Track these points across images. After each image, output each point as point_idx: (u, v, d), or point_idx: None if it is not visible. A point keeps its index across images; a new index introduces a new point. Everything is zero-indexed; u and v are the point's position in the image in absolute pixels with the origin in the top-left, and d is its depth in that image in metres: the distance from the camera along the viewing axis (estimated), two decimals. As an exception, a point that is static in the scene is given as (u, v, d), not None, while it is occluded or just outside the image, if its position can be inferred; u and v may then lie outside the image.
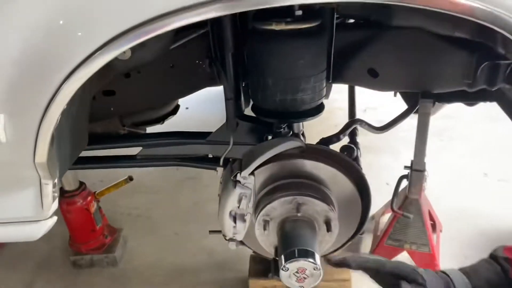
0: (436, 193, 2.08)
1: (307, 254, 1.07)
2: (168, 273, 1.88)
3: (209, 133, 1.53)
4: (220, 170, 1.43)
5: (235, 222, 1.24)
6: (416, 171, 1.67)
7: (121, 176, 2.05)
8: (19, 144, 0.91)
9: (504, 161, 2.38)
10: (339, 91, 2.61)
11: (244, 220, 1.24)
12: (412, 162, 1.69)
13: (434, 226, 1.91)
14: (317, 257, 1.08)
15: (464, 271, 0.93)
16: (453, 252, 1.84)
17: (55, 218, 1.11)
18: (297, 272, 1.07)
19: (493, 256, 0.91)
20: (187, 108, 2.92)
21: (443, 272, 0.94)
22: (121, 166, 1.67)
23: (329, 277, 1.67)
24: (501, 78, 1.31)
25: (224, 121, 1.42)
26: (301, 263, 1.06)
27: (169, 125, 1.82)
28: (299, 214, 1.15)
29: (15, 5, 0.77)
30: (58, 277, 1.88)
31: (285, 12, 1.16)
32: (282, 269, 1.07)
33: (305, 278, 1.08)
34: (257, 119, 1.43)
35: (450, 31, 1.30)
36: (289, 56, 1.20)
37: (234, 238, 1.30)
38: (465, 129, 2.66)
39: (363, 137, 2.16)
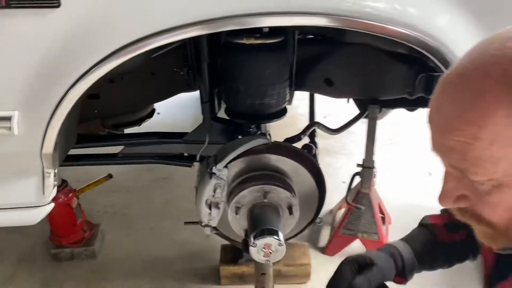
0: (387, 191, 2.33)
1: (272, 232, 1.27)
2: (144, 264, 2.03)
3: (185, 133, 1.71)
4: (196, 165, 1.60)
5: (210, 209, 1.42)
6: (366, 168, 1.92)
7: (96, 176, 2.18)
8: (30, 136, 1.07)
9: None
10: (302, 99, 2.86)
11: (218, 208, 1.42)
12: (363, 160, 1.94)
13: (384, 219, 2.16)
14: (281, 235, 1.28)
15: (404, 239, 1.07)
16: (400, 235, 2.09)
17: (52, 204, 1.26)
18: (264, 248, 1.27)
19: (422, 224, 1.10)
20: (158, 113, 3.07)
21: (388, 244, 1.10)
22: (104, 163, 1.82)
23: (291, 262, 1.87)
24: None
25: (194, 125, 1.61)
26: (267, 239, 1.25)
27: (143, 128, 1.97)
28: (265, 200, 1.35)
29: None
30: (39, 269, 1.99)
31: (254, 29, 1.37)
32: (252, 246, 1.27)
33: (270, 253, 1.28)
34: (229, 121, 1.63)
35: (392, 47, 1.55)
36: (257, 66, 1.41)
37: (209, 224, 1.48)
38: (412, 134, 2.95)
39: (323, 141, 2.40)
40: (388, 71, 1.61)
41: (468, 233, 0.98)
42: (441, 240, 1.04)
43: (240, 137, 1.52)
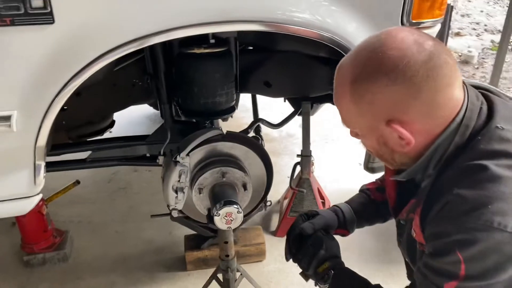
0: (325, 179, 2.69)
1: (231, 202, 1.53)
2: (114, 262, 2.20)
3: (146, 136, 1.95)
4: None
5: (176, 193, 1.67)
6: (305, 157, 2.25)
7: (58, 187, 2.34)
8: (26, 132, 1.28)
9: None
10: (246, 110, 3.19)
11: (183, 192, 1.67)
12: (301, 151, 2.27)
13: (324, 203, 2.49)
14: (239, 205, 1.55)
15: (345, 202, 1.37)
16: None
17: (41, 195, 1.46)
18: (225, 216, 1.53)
19: (360, 190, 1.41)
20: (110, 131, 3.27)
21: (332, 206, 1.38)
22: (74, 168, 2.00)
23: (247, 242, 2.15)
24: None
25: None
26: (228, 208, 1.51)
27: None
28: (224, 179, 1.62)
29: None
30: (12, 276, 2.10)
31: (203, 40, 1.67)
32: (215, 215, 1.52)
33: (231, 220, 1.55)
34: (185, 122, 1.90)
35: (316, 52, 1.91)
36: (208, 71, 1.69)
37: (175, 207, 1.72)
38: (343, 131, 3.35)
39: (268, 143, 2.71)
40: (315, 72, 1.97)
41: None
42: (374, 199, 1.34)
43: (197, 132, 1.78)
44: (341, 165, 3.04)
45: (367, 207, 1.35)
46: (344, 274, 1.14)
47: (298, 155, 2.28)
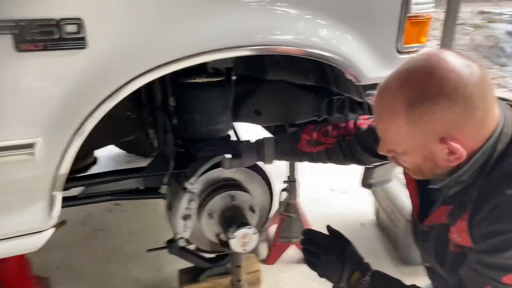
0: (303, 204, 2.76)
1: (246, 224, 1.57)
2: (103, 305, 2.09)
3: (141, 168, 1.93)
4: (164, 188, 1.82)
5: (185, 221, 1.66)
6: (292, 182, 2.33)
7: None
8: (49, 160, 1.24)
9: (344, 178, 3.24)
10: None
11: (191, 219, 1.67)
12: (288, 177, 2.34)
13: (307, 228, 2.56)
14: (253, 226, 1.58)
15: (275, 138, 1.56)
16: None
17: (54, 228, 1.39)
18: (242, 238, 1.55)
19: (295, 132, 1.56)
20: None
21: (261, 139, 1.56)
22: (65, 206, 1.89)
23: (244, 271, 2.13)
24: (335, 109, 2.07)
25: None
26: (244, 230, 1.54)
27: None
28: (234, 202, 1.65)
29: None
30: (-8, 331, 1.92)
31: (202, 70, 1.73)
32: (232, 238, 1.54)
33: (247, 242, 1.57)
34: (183, 151, 1.91)
35: (303, 81, 2.04)
36: (209, 99, 1.75)
37: (183, 236, 1.70)
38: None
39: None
40: (300, 100, 2.08)
41: (320, 150, 1.48)
42: (300, 148, 1.51)
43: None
44: (316, 190, 3.14)
45: (290, 154, 1.55)
46: (378, 281, 1.18)
47: (284, 181, 2.35)
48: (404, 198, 2.29)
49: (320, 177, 3.27)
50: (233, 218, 1.61)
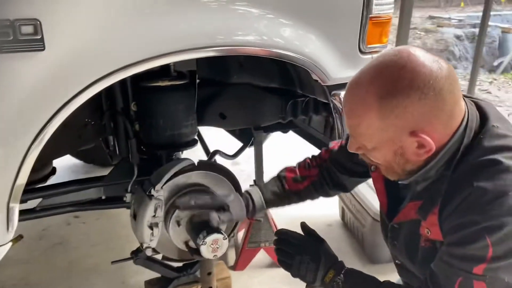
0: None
1: (216, 230, 1.53)
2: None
3: (102, 177, 1.85)
4: (128, 196, 1.74)
5: (152, 229, 1.60)
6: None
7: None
8: (5, 170, 1.16)
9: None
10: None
11: (158, 227, 1.61)
12: (254, 181, 2.32)
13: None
14: (223, 232, 1.54)
15: (259, 186, 1.52)
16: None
17: (10, 243, 1.30)
18: (212, 244, 1.51)
19: (277, 175, 1.53)
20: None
21: (246, 191, 1.52)
22: (23, 219, 1.79)
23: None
24: (300, 111, 2.08)
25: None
26: (214, 236, 1.50)
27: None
28: (202, 209, 1.60)
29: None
30: None
31: (165, 73, 1.68)
32: (202, 244, 1.49)
33: (217, 248, 1.52)
34: (145, 158, 1.85)
35: (267, 83, 2.03)
36: (173, 102, 1.71)
37: (149, 245, 1.64)
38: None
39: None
40: (265, 103, 2.08)
41: (307, 185, 1.46)
42: (288, 189, 1.48)
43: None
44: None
45: (279, 197, 1.49)
46: (352, 278, 1.18)
47: (251, 185, 2.32)
48: (370, 198, 2.33)
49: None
50: (202, 224, 1.57)
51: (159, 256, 1.83)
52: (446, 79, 0.92)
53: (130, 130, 1.69)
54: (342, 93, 1.59)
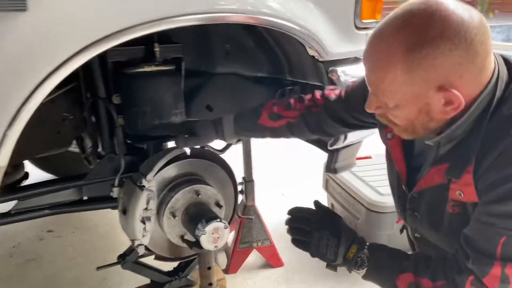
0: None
1: (216, 217, 1.42)
2: None
3: (83, 175, 1.70)
4: (116, 190, 1.60)
5: (144, 224, 1.47)
6: (249, 182, 2.21)
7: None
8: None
9: (296, 183, 3.18)
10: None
11: (151, 220, 1.48)
12: (243, 178, 2.22)
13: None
14: (223, 220, 1.43)
15: (236, 117, 1.42)
16: (284, 243, 2.38)
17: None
18: (212, 233, 1.40)
19: (256, 107, 1.43)
20: None
21: (218, 117, 1.44)
22: (-2, 225, 1.61)
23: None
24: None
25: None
26: (215, 224, 1.39)
27: None
28: (199, 196, 1.49)
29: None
30: None
31: (149, 59, 1.58)
32: (202, 234, 1.38)
33: (218, 237, 1.41)
34: (130, 155, 1.71)
35: (254, 72, 1.96)
36: (161, 88, 1.60)
37: (142, 242, 1.51)
38: (269, 165, 3.39)
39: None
40: (253, 93, 2.00)
41: (282, 125, 1.37)
42: (261, 123, 1.39)
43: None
44: (267, 195, 3.03)
45: (250, 129, 1.45)
46: (378, 252, 1.11)
47: (240, 182, 2.22)
48: (362, 189, 2.27)
49: (272, 182, 3.17)
50: (199, 215, 1.46)
51: (150, 260, 1.70)
52: (478, 29, 0.85)
53: (116, 117, 1.56)
54: (340, 69, 1.55)
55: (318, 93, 1.37)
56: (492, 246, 0.90)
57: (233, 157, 3.03)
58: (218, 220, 1.41)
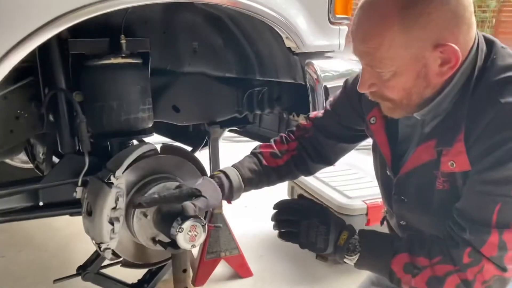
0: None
1: (191, 216, 1.32)
2: None
3: (39, 178, 1.55)
4: (79, 190, 1.46)
5: (112, 224, 1.35)
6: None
7: None
8: None
9: (258, 194, 3.10)
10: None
11: (119, 221, 1.36)
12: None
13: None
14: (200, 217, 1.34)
15: (235, 166, 1.32)
16: (251, 253, 2.30)
17: None
18: (190, 231, 1.30)
19: (252, 152, 1.37)
20: None
21: (220, 170, 1.31)
22: None
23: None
24: (255, 104, 1.98)
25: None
26: (192, 221, 1.30)
27: None
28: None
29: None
30: None
31: (114, 52, 1.49)
32: (179, 231, 1.27)
33: (195, 235, 1.31)
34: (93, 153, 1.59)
35: (223, 72, 1.92)
36: (127, 82, 1.51)
37: (108, 246, 1.38)
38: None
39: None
40: (221, 95, 1.95)
41: (287, 160, 1.34)
42: (266, 164, 1.32)
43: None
44: (230, 207, 2.95)
45: (258, 174, 1.32)
46: (369, 236, 1.07)
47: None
48: (328, 192, 2.26)
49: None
50: (174, 213, 1.35)
51: (115, 271, 1.56)
52: None
53: (79, 110, 1.44)
54: (316, 62, 1.54)
55: (303, 122, 1.38)
56: (488, 214, 0.89)
57: (200, 159, 2.95)
58: (195, 217, 1.31)
